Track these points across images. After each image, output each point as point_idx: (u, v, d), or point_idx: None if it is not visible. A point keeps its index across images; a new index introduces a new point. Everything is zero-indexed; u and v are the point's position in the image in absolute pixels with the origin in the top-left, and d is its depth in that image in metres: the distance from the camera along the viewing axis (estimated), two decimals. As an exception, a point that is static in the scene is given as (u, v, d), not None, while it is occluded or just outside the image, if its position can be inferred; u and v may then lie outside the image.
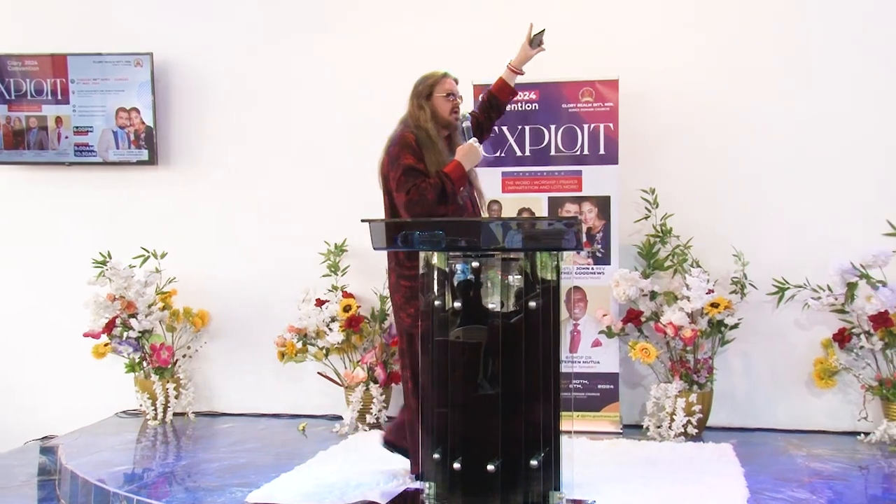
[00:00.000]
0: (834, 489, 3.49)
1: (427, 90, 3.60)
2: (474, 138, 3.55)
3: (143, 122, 5.27)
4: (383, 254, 3.82)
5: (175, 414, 5.04)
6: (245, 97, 5.29)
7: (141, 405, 5.03)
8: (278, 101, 5.25)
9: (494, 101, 3.89)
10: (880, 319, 4.22)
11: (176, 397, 5.00)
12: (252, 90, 5.28)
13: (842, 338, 4.39)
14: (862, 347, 4.33)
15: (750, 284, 4.55)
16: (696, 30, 4.76)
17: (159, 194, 5.36)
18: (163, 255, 5.18)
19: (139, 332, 4.97)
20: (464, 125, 3.59)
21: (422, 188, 3.37)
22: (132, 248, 5.16)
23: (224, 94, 5.31)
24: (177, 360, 5.14)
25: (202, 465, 4.08)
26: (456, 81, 3.64)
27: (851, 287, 4.36)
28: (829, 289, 4.42)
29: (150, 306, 5.05)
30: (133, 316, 4.98)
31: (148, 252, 5.17)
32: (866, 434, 4.33)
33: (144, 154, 5.28)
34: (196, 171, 5.35)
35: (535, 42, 3.81)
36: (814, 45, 4.60)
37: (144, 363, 5.04)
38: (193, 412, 5.08)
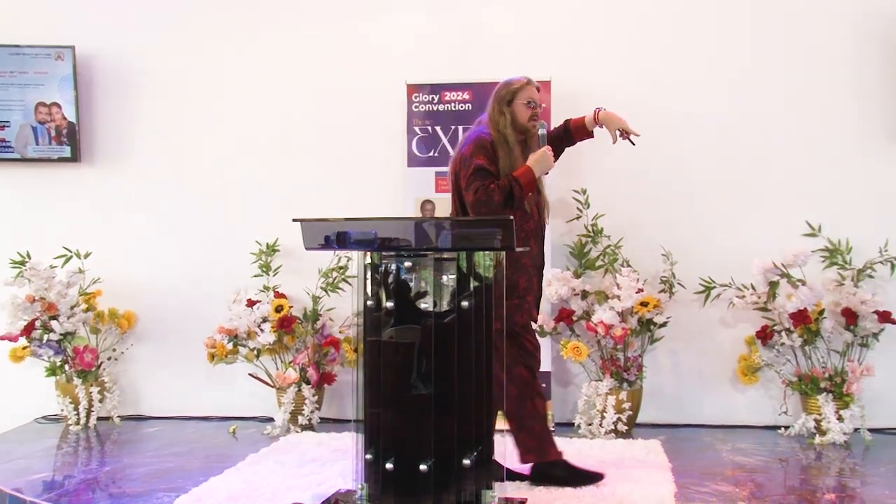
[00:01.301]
0: (755, 481, 3.59)
1: (509, 96, 3.55)
2: (547, 146, 3.53)
3: (65, 118, 5.10)
4: (316, 254, 3.78)
5: (99, 418, 4.89)
6: (173, 93, 5.17)
7: (62, 410, 4.87)
8: (207, 97, 5.16)
9: (569, 135, 3.82)
10: (800, 317, 4.36)
11: (100, 401, 4.86)
12: (180, 86, 5.17)
13: (764, 335, 4.52)
14: (783, 344, 4.47)
15: (678, 284, 4.65)
16: (628, 33, 4.85)
17: (83, 192, 5.21)
18: (86, 255, 5.02)
19: (61, 334, 4.81)
20: (540, 132, 3.56)
21: (489, 189, 3.37)
22: (54, 247, 5.00)
23: (151, 89, 5.18)
24: (101, 363, 5.00)
25: (127, 470, 3.97)
26: (538, 89, 3.61)
27: (773, 286, 4.50)
28: (753, 288, 4.55)
29: (72, 308, 4.89)
30: (54, 318, 4.81)
31: (70, 252, 5.01)
32: (786, 428, 4.48)
33: (67, 151, 5.12)
34: (122, 168, 5.21)
35: (624, 137, 3.72)
36: (740, 50, 4.73)
37: (66, 366, 4.88)
38: (119, 416, 4.95)
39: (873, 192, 4.60)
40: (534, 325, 3.57)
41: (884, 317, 4.32)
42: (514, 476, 3.51)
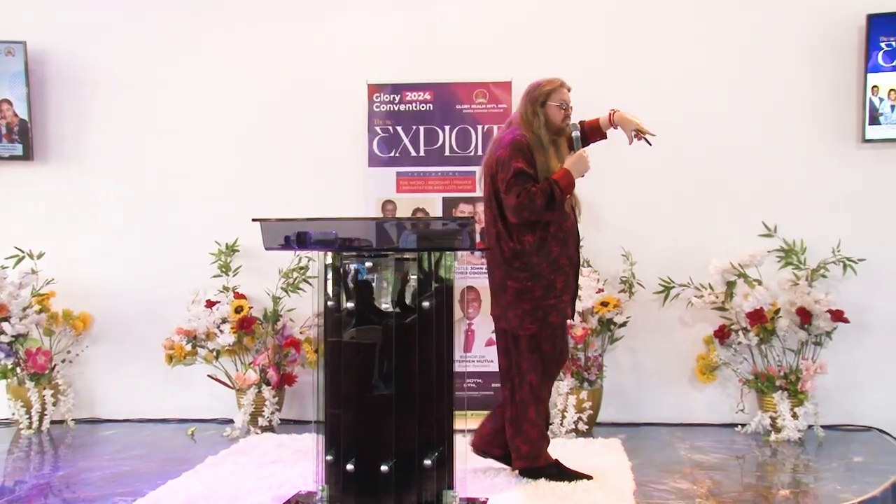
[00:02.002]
0: (713, 479, 3.64)
1: (543, 97, 3.55)
2: (583, 148, 3.55)
3: (17, 115, 4.99)
4: (276, 254, 3.74)
5: (52, 422, 4.79)
6: (128, 91, 5.09)
7: (14, 413, 4.76)
8: (164, 95, 5.08)
9: (584, 135, 3.76)
10: (756, 316, 4.43)
11: (54, 404, 4.76)
12: (136, 84, 5.09)
13: (722, 334, 4.58)
14: (740, 343, 4.53)
15: (638, 284, 4.69)
16: (589, 34, 4.88)
17: (35, 191, 5.10)
18: (39, 256, 4.92)
19: (12, 336, 4.71)
20: (574, 134, 3.57)
21: (532, 193, 3.37)
22: (5, 248, 4.89)
23: (106, 86, 5.10)
24: (55, 366, 4.90)
25: (82, 474, 3.89)
26: (569, 90, 3.61)
27: (730, 286, 4.57)
28: (711, 287, 4.62)
29: (24, 309, 4.79)
30: (5, 319, 4.70)
31: (23, 252, 4.90)
32: (743, 425, 4.55)
33: (18, 149, 5.01)
34: (76, 166, 5.11)
35: (640, 137, 3.69)
36: (696, 54, 4.79)
37: (18, 369, 4.77)
38: (73, 419, 4.85)
39: (827, 193, 4.69)
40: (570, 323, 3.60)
41: (836, 316, 4.41)
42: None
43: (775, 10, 4.74)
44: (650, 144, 3.70)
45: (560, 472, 3.57)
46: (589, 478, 3.55)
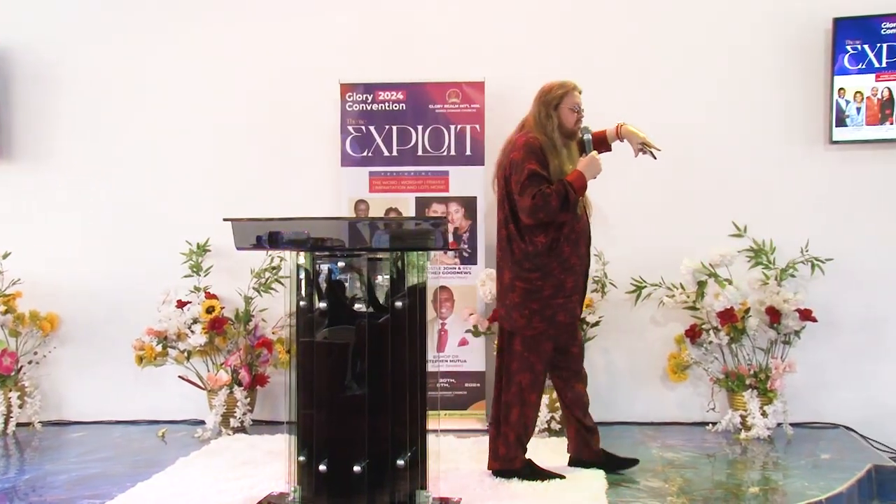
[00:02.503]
0: (684, 477, 3.67)
1: (556, 100, 3.57)
2: (595, 151, 3.57)
3: (-16, 113, 4.92)
4: (248, 254, 3.71)
5: (18, 424, 4.72)
6: (96, 89, 5.04)
7: (-21, 416, 4.70)
8: (133, 94, 5.03)
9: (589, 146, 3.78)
10: (727, 316, 4.48)
11: (20, 406, 4.69)
12: (104, 82, 5.03)
13: (693, 333, 4.62)
14: (711, 342, 4.58)
15: (610, 283, 4.72)
16: (561, 35, 4.90)
17: (1, 190, 5.03)
18: (5, 256, 4.85)
19: (-21, 337, 4.64)
20: (584, 137, 3.59)
21: (546, 194, 3.40)
22: (-29, 247, 4.81)
23: (75, 85, 5.04)
24: (21, 367, 4.83)
25: (48, 477, 3.84)
26: (580, 93, 3.63)
27: (701, 285, 4.61)
28: (682, 287, 4.66)
29: (-10, 310, 4.72)
30: (-28, 320, 4.64)
31: (-11, 251, 4.83)
32: (714, 424, 4.59)
33: (-15, 146, 4.94)
34: (43, 165, 5.05)
35: (645, 151, 3.71)
36: (667, 55, 4.83)
37: (-15, 371, 4.70)
38: (40, 422, 4.79)
39: (795, 194, 4.75)
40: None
41: (805, 315, 4.47)
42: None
43: (743, 13, 4.79)
44: (655, 158, 3.74)
45: (533, 472, 3.59)
46: (562, 477, 3.57)
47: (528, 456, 3.64)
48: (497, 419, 3.60)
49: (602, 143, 3.77)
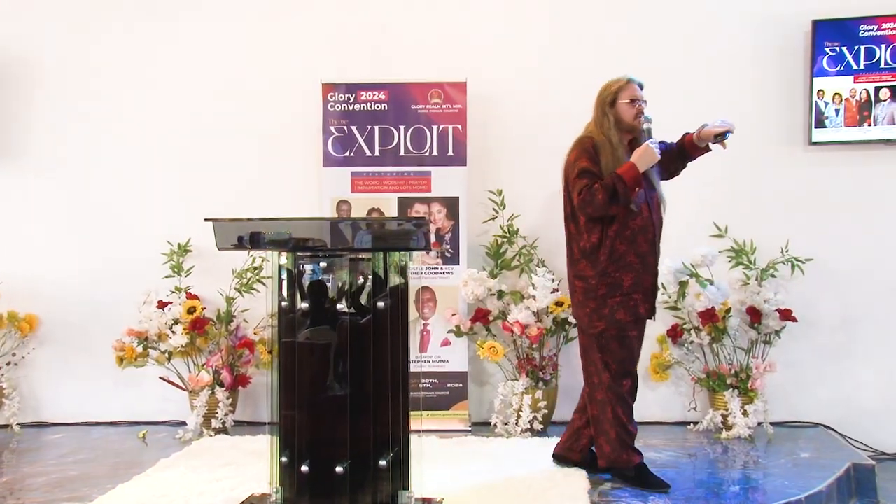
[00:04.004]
0: (666, 476, 3.68)
1: (611, 97, 3.55)
2: (651, 139, 3.51)
3: (-39, 111, 4.87)
4: (229, 254, 3.69)
5: (-3, 426, 4.69)
6: (74, 87, 5.00)
7: (-42, 418, 4.65)
8: (112, 92, 5.00)
9: (685, 152, 3.73)
10: (708, 316, 4.50)
11: (-1, 408, 4.66)
12: (83, 80, 5.00)
13: (674, 333, 4.65)
14: (692, 342, 4.60)
15: (591, 283, 4.73)
16: (543, 34, 4.91)
17: (-21, 189, 4.98)
18: (-16, 256, 4.81)
19: (-44, 338, 4.59)
20: (644, 126, 3.53)
21: (593, 189, 3.41)
22: (-52, 247, 4.77)
23: (52, 83, 4.99)
24: None
25: (27, 480, 3.80)
26: (640, 86, 3.59)
27: (683, 286, 4.63)
28: (664, 287, 4.67)
29: (-32, 311, 4.68)
30: (-51, 321, 4.59)
31: (-33, 252, 4.79)
32: (695, 423, 4.62)
33: (-37, 145, 4.88)
34: (25, 164, 5.00)
35: (719, 140, 3.61)
36: (645, 55, 4.83)
37: (-38, 372, 4.65)
38: (18, 423, 4.74)
39: (776, 194, 4.78)
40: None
41: (785, 315, 4.50)
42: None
43: (723, 15, 4.83)
44: (724, 148, 3.67)
45: (640, 477, 3.57)
46: (667, 488, 3.54)
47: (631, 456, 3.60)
48: (597, 418, 3.62)
49: (695, 148, 3.69)
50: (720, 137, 3.60)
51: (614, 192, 3.42)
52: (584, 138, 3.57)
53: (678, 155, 3.73)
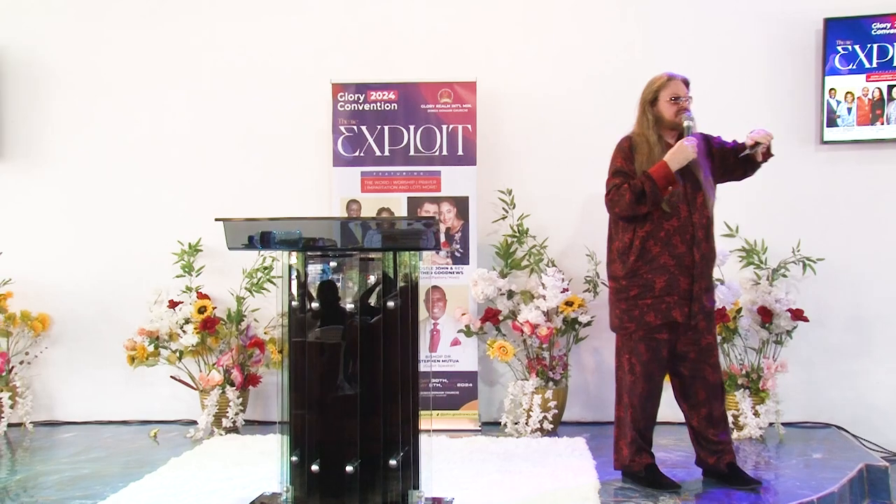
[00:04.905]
0: (676, 476, 3.67)
1: (652, 96, 3.52)
2: (689, 136, 3.41)
3: (-25, 112, 4.90)
4: (240, 254, 3.70)
5: (10, 425, 4.71)
6: (88, 88, 5.03)
7: (-29, 416, 4.68)
8: (126, 92, 5.02)
9: (748, 158, 3.59)
10: (718, 315, 4.48)
11: (11, 407, 4.68)
12: (95, 81, 5.02)
13: (684, 333, 4.63)
14: (702, 342, 4.58)
15: (602, 283, 4.72)
16: (553, 34, 4.90)
17: (-7, 189, 5.02)
18: (-3, 255, 4.84)
19: (-31, 337, 4.62)
20: (685, 123, 3.45)
21: (621, 189, 3.40)
22: (-39, 247, 4.80)
23: (65, 84, 5.02)
24: (13, 367, 4.81)
25: (40, 478, 3.82)
26: (686, 83, 3.53)
27: (693, 285, 4.61)
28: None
29: (-19, 310, 4.71)
30: (-38, 320, 4.62)
31: (-20, 251, 4.82)
32: (706, 423, 4.60)
33: (-24, 146, 4.92)
34: (36, 164, 5.03)
35: (753, 150, 3.50)
36: (656, 55, 4.82)
37: (-25, 371, 4.68)
38: (31, 422, 4.77)
39: (787, 194, 4.76)
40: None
41: (796, 315, 4.48)
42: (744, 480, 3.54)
43: (734, 13, 4.81)
44: (760, 160, 3.58)
45: (650, 477, 3.55)
46: (677, 488, 3.51)
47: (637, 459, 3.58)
48: (621, 419, 3.61)
49: (749, 157, 3.57)
50: (754, 147, 3.52)
51: (642, 192, 3.37)
52: (625, 137, 3.55)
53: (746, 161, 3.56)
